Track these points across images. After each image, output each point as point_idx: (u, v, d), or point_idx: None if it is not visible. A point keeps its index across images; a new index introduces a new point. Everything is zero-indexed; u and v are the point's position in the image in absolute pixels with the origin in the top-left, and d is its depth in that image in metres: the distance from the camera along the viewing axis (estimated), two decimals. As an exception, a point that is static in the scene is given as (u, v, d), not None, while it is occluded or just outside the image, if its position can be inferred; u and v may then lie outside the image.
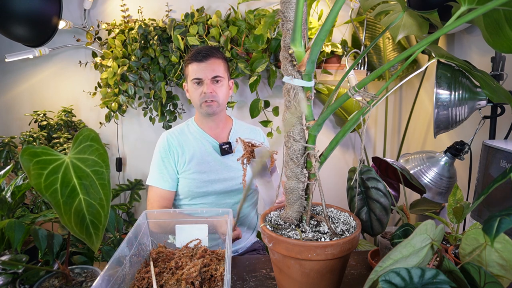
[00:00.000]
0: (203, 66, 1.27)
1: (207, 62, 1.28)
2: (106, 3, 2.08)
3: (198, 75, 1.28)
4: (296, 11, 0.56)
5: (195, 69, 1.28)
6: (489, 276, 0.48)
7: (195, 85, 1.29)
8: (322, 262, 0.63)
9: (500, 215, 0.45)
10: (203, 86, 1.28)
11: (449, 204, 0.86)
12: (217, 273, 0.75)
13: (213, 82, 1.29)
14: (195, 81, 1.29)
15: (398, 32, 1.04)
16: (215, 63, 1.29)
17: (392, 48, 1.96)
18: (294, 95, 0.67)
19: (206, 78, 1.27)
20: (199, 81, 1.28)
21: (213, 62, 1.29)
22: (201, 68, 1.27)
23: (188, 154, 1.31)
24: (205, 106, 1.29)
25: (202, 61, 1.28)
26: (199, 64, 1.28)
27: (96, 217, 0.61)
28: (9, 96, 2.15)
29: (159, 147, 1.33)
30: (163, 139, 1.34)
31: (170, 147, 1.32)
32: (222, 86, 1.31)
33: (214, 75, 1.28)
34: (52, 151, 0.60)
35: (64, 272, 0.71)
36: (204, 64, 1.27)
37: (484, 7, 0.45)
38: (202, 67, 1.27)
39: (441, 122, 1.15)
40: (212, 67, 1.28)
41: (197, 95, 1.29)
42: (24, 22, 1.68)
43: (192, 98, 1.33)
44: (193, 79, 1.29)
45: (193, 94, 1.31)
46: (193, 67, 1.29)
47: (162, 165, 1.31)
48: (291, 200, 0.72)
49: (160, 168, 1.30)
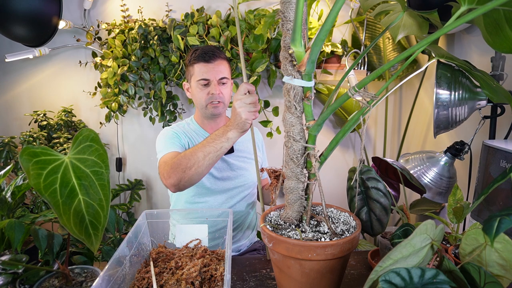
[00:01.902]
0: (211, 67, 1.26)
1: (214, 63, 1.26)
2: (106, 3, 2.08)
3: (206, 76, 1.26)
4: (296, 11, 0.56)
5: (202, 70, 1.26)
6: (489, 276, 0.48)
7: (201, 85, 1.27)
8: (322, 262, 0.63)
9: (500, 215, 0.45)
10: (210, 87, 1.27)
11: (449, 204, 0.86)
12: (217, 273, 0.75)
13: (220, 84, 1.28)
14: (202, 81, 1.27)
15: (398, 32, 1.04)
16: (222, 64, 1.28)
17: (392, 48, 1.96)
18: (294, 95, 0.67)
19: (214, 79, 1.26)
20: (207, 82, 1.26)
21: (220, 63, 1.28)
22: (209, 69, 1.26)
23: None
24: (211, 107, 1.28)
25: (209, 61, 1.26)
26: (207, 65, 1.26)
27: (95, 218, 0.61)
28: (9, 96, 2.15)
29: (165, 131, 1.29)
30: (168, 130, 1.30)
31: (179, 132, 1.29)
32: (227, 88, 1.31)
33: (221, 76, 1.28)
34: (51, 151, 0.60)
35: (64, 272, 0.71)
36: (212, 65, 1.26)
37: (484, 7, 0.45)
38: (210, 68, 1.26)
39: (441, 122, 1.15)
40: (219, 68, 1.27)
41: (203, 96, 1.28)
42: (24, 22, 1.68)
43: (197, 99, 1.30)
44: (201, 79, 1.26)
45: (199, 95, 1.29)
46: (200, 67, 1.26)
47: (171, 138, 1.25)
48: (291, 200, 0.72)
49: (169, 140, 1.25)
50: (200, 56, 1.27)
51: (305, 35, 0.64)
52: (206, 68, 1.26)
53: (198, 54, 1.28)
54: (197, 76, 1.27)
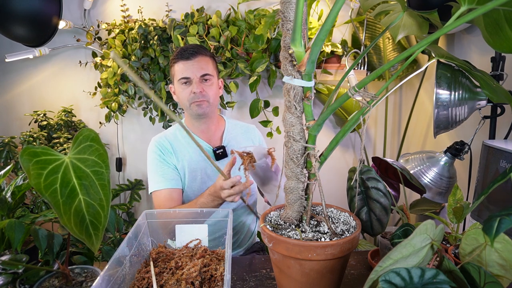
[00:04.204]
0: (190, 64, 1.20)
1: (194, 59, 1.20)
2: (106, 3, 2.08)
3: (185, 74, 1.20)
4: (296, 11, 0.56)
5: (182, 68, 1.21)
6: (489, 276, 0.48)
7: (182, 85, 1.22)
8: (322, 262, 0.63)
9: (500, 215, 0.45)
10: (192, 86, 1.21)
11: (449, 204, 0.86)
12: (217, 273, 0.75)
13: (202, 81, 1.22)
14: (182, 80, 1.21)
15: (398, 32, 1.04)
16: (203, 60, 1.22)
17: (392, 48, 1.96)
18: (294, 95, 0.67)
19: (195, 76, 1.20)
20: (187, 80, 1.21)
21: (201, 60, 1.22)
22: (188, 67, 1.20)
23: (182, 161, 1.26)
24: (194, 106, 1.22)
25: (189, 59, 1.20)
26: (186, 62, 1.20)
27: (95, 218, 0.61)
28: (9, 96, 2.15)
29: (152, 152, 1.27)
30: (154, 145, 1.28)
31: (164, 150, 1.26)
32: (211, 85, 1.24)
33: (203, 73, 1.21)
34: (52, 151, 0.60)
35: (64, 272, 0.71)
36: (192, 62, 1.20)
37: (484, 7, 0.45)
38: (189, 65, 1.20)
39: (441, 122, 1.15)
40: (200, 64, 1.21)
41: (186, 96, 1.22)
42: (24, 22, 1.68)
43: (180, 99, 1.26)
44: (181, 78, 1.21)
45: (181, 95, 1.23)
46: (180, 66, 1.21)
47: (160, 166, 1.25)
48: (291, 200, 0.72)
49: (159, 169, 1.25)
50: (178, 55, 1.22)
51: (305, 35, 0.64)
52: (186, 65, 1.20)
53: (178, 52, 1.23)
54: (178, 75, 1.22)
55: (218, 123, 1.36)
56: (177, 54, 1.23)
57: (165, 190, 1.23)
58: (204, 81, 1.23)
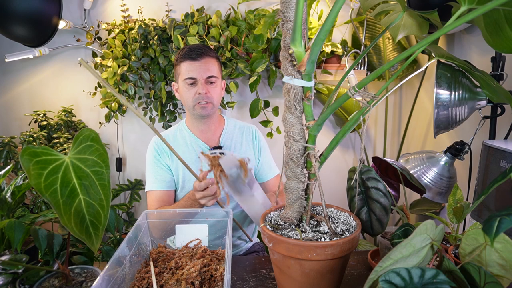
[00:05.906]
0: (197, 65, 1.20)
1: (201, 61, 1.20)
2: (106, 3, 2.08)
3: (192, 75, 1.20)
4: (296, 11, 0.56)
5: (188, 68, 1.20)
6: (489, 276, 0.48)
7: (188, 85, 1.22)
8: (322, 262, 0.63)
9: (500, 215, 0.45)
10: (197, 87, 1.21)
11: (449, 204, 0.86)
12: (217, 273, 0.75)
13: (207, 83, 1.22)
14: (188, 81, 1.21)
15: (398, 32, 1.04)
16: (210, 62, 1.22)
17: (392, 48, 1.96)
18: (294, 95, 0.67)
19: (201, 78, 1.20)
20: (193, 81, 1.21)
21: (208, 61, 1.22)
22: (195, 67, 1.20)
23: (177, 162, 1.27)
24: (199, 107, 1.23)
25: (196, 59, 1.20)
26: (193, 63, 1.20)
27: (96, 218, 0.61)
28: (9, 96, 2.15)
29: (149, 153, 1.29)
30: (152, 145, 1.30)
31: (161, 150, 1.28)
32: (216, 87, 1.25)
33: (209, 75, 1.21)
34: (52, 151, 0.60)
35: (64, 272, 0.71)
36: (199, 63, 1.20)
37: (484, 7, 0.45)
38: (196, 66, 1.20)
39: (441, 122, 1.15)
40: (207, 66, 1.21)
41: (190, 96, 1.22)
42: (24, 22, 1.68)
43: (184, 99, 1.25)
44: (187, 78, 1.21)
45: (186, 95, 1.23)
46: (186, 65, 1.21)
47: (154, 167, 1.27)
48: (291, 200, 0.72)
49: (153, 170, 1.27)
50: (186, 54, 1.21)
51: (305, 35, 0.64)
52: (193, 66, 1.20)
53: (185, 52, 1.22)
54: (184, 75, 1.21)
55: (219, 123, 1.36)
56: (184, 53, 1.22)
57: (156, 192, 1.26)
58: (209, 83, 1.23)
